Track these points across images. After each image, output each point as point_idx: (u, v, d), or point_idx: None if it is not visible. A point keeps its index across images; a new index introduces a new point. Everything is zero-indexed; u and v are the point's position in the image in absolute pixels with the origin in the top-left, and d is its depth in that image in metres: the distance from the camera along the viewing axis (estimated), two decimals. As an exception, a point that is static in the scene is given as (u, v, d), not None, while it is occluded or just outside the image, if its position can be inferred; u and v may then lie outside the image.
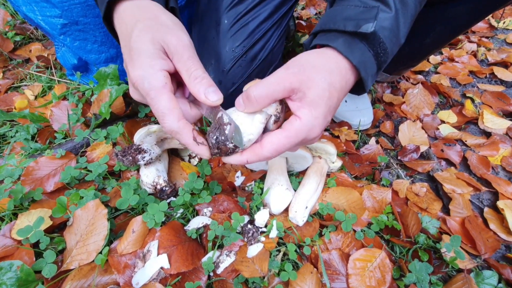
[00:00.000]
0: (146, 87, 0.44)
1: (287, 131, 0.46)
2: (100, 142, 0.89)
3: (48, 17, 0.93)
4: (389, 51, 0.52)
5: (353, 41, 0.49)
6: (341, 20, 0.50)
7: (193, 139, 0.45)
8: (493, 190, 0.90)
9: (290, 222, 0.75)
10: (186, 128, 0.45)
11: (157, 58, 0.46)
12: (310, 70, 0.46)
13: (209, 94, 0.45)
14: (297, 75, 0.45)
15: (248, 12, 0.86)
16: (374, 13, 0.49)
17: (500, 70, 1.41)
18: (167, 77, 0.46)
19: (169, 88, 0.45)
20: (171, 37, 0.46)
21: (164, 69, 0.46)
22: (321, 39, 0.52)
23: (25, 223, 0.67)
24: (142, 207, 0.76)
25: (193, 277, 0.64)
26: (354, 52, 0.49)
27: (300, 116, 0.46)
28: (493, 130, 1.11)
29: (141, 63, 0.45)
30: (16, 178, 0.79)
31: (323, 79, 0.46)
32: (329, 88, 0.47)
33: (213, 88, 0.45)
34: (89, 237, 0.65)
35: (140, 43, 0.46)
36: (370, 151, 1.00)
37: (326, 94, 0.46)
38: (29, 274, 0.58)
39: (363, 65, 0.50)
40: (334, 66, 0.49)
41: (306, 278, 0.65)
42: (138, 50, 0.46)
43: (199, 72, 0.46)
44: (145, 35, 0.46)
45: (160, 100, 0.44)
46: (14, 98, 1.11)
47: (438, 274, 0.70)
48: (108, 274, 0.63)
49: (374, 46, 0.51)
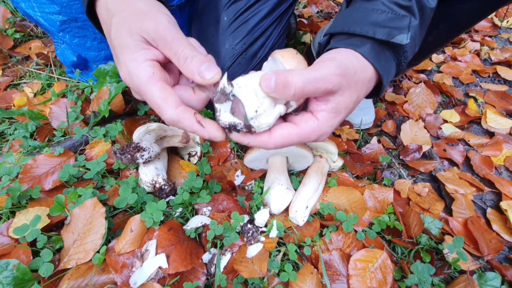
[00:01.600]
0: (135, 83, 0.42)
1: (301, 129, 0.43)
2: (99, 140, 0.89)
3: (47, 14, 0.92)
4: (408, 59, 0.52)
5: (380, 49, 0.47)
6: (368, 25, 0.47)
7: (198, 122, 0.41)
8: (496, 190, 0.89)
9: (290, 222, 0.74)
10: (186, 114, 0.41)
11: (139, 50, 0.42)
12: (352, 75, 0.43)
13: (203, 73, 0.40)
14: (340, 79, 0.41)
15: (248, 8, 0.85)
16: (407, 23, 0.47)
17: (504, 70, 1.40)
18: (154, 66, 0.42)
19: (159, 77, 0.42)
20: (148, 23, 0.42)
21: (148, 59, 0.42)
22: (345, 43, 0.48)
23: (22, 221, 0.67)
24: (141, 205, 0.75)
25: (191, 277, 0.64)
26: (380, 60, 0.47)
27: (319, 119, 0.43)
28: (496, 130, 1.09)
29: (125, 59, 0.43)
30: (14, 176, 0.79)
31: (356, 89, 0.44)
32: (356, 100, 0.45)
33: (205, 64, 0.40)
34: (87, 236, 0.64)
35: (119, 39, 0.43)
36: (371, 150, 0.99)
37: (351, 106, 0.45)
38: (25, 273, 0.57)
39: (386, 73, 0.48)
40: (366, 75, 0.46)
41: (306, 279, 0.64)
42: (119, 47, 0.44)
43: (186, 51, 0.41)
44: (122, 30, 0.43)
45: (152, 92, 0.41)
46: (13, 95, 1.10)
47: (440, 275, 0.69)
48: (105, 274, 0.62)
49: (399, 55, 0.49)
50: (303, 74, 0.39)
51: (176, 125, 0.42)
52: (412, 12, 0.48)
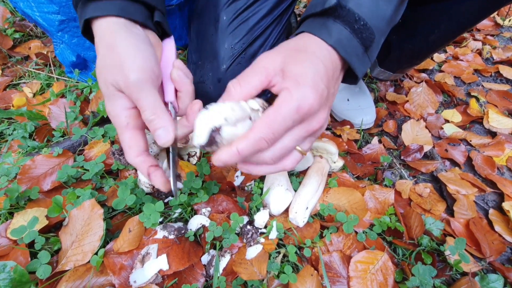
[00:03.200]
0: (113, 123, 0.48)
1: (274, 105, 0.40)
2: (98, 141, 0.88)
3: (45, 14, 0.92)
4: (372, 27, 0.48)
5: (327, 21, 0.47)
6: (313, 5, 0.49)
7: (148, 174, 0.48)
8: (499, 191, 0.88)
9: (290, 223, 0.74)
10: (143, 165, 0.48)
11: (116, 99, 0.46)
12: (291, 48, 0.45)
13: (156, 138, 0.45)
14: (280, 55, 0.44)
15: (247, 8, 0.84)
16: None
17: (506, 69, 1.39)
18: (130, 116, 0.47)
19: (132, 126, 0.47)
20: (119, 77, 0.45)
21: (126, 107, 0.46)
22: (300, 28, 0.50)
23: (20, 223, 0.66)
24: (140, 207, 0.75)
25: (190, 279, 0.63)
26: (329, 32, 0.46)
27: (286, 87, 0.41)
28: (499, 130, 1.08)
29: (106, 103, 0.48)
30: (13, 176, 0.78)
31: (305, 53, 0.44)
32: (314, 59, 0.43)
33: (158, 131, 0.45)
34: (85, 237, 0.63)
35: (99, 83, 0.48)
36: (372, 150, 0.98)
37: (311, 66, 0.42)
38: (23, 275, 0.57)
39: (339, 43, 0.46)
40: (315, 47, 0.46)
41: (306, 281, 0.64)
42: (101, 89, 0.48)
43: (147, 114, 0.45)
44: (100, 77, 0.47)
45: (122, 137, 0.47)
46: (12, 95, 1.10)
47: (442, 277, 0.68)
48: (103, 276, 0.62)
49: (349, 22, 0.47)
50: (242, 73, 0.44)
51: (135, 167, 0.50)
52: None
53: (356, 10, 0.47)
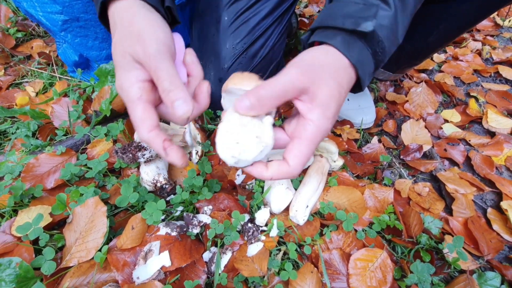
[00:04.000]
0: (124, 98, 0.47)
1: (305, 139, 0.45)
2: (101, 139, 0.89)
3: (49, 13, 0.93)
4: (387, 50, 0.51)
5: (351, 39, 0.48)
6: (340, 17, 0.49)
7: (163, 149, 0.46)
8: (497, 190, 0.89)
9: (290, 221, 0.75)
10: (157, 139, 0.46)
11: (131, 70, 0.46)
12: (319, 69, 0.45)
13: (175, 109, 0.44)
14: (307, 74, 0.44)
15: (248, 8, 0.85)
16: (374, 11, 0.48)
17: (505, 69, 1.39)
18: (144, 88, 0.46)
19: (145, 99, 0.46)
20: (138, 47, 0.45)
21: (140, 79, 0.46)
22: (319, 36, 0.51)
23: (25, 220, 0.67)
24: (142, 204, 0.76)
25: (192, 275, 0.64)
26: (352, 51, 0.48)
27: (313, 119, 0.44)
28: (498, 130, 1.09)
29: (119, 75, 0.47)
30: (17, 174, 0.79)
31: (332, 79, 0.45)
32: (338, 87, 0.46)
33: (178, 101, 0.43)
34: (88, 234, 0.64)
35: (115, 56, 0.48)
36: (372, 150, 0.99)
37: (336, 94, 0.45)
38: (28, 271, 0.58)
39: (360, 64, 0.49)
40: (339, 65, 0.48)
41: (306, 278, 0.65)
42: (116, 62, 0.48)
43: (165, 84, 0.44)
44: (118, 48, 0.47)
45: (134, 111, 0.45)
46: (15, 94, 1.11)
47: (440, 275, 0.69)
48: (107, 272, 0.63)
49: (372, 44, 0.50)
50: (269, 84, 0.42)
51: (147, 144, 0.47)
52: (384, 1, 0.49)
53: (379, 32, 0.49)
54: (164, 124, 0.80)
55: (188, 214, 0.71)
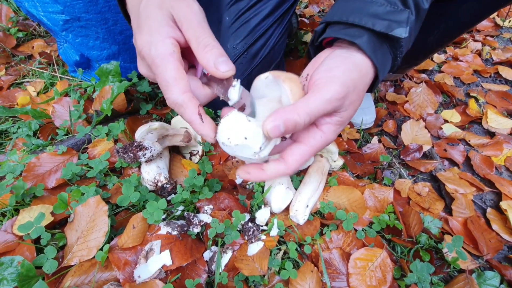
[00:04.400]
0: (152, 54, 0.41)
1: (310, 146, 0.44)
2: (102, 139, 0.89)
3: (50, 13, 0.93)
4: (403, 55, 0.51)
5: (377, 41, 0.47)
6: (367, 16, 0.47)
7: (198, 114, 0.40)
8: (496, 190, 0.90)
9: (291, 220, 0.75)
10: (192, 102, 0.40)
11: (165, 25, 0.42)
12: (353, 92, 0.43)
13: (219, 64, 0.39)
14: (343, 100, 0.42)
15: (249, 9, 0.85)
16: (406, 16, 0.47)
17: (505, 70, 1.40)
18: (176, 46, 0.42)
19: (177, 57, 0.41)
20: (180, 3, 0.43)
21: (172, 36, 0.42)
22: (343, 33, 0.48)
23: (26, 219, 0.68)
24: (143, 204, 0.76)
25: (193, 275, 0.64)
26: (377, 53, 0.47)
27: (325, 131, 0.44)
28: (497, 130, 1.10)
29: (149, 28, 0.42)
30: (18, 174, 0.80)
31: (359, 100, 0.45)
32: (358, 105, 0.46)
33: (223, 58, 0.40)
34: (90, 233, 0.65)
35: (148, 9, 0.43)
36: (372, 150, 1.00)
37: (352, 114, 0.46)
38: (30, 270, 0.58)
39: (382, 67, 0.48)
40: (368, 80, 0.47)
41: (307, 277, 0.65)
42: (146, 15, 0.43)
43: (209, 40, 0.41)
44: (153, 1, 0.43)
45: (165, 69, 0.40)
46: (16, 94, 1.11)
47: (440, 274, 0.70)
48: (108, 271, 0.63)
49: (396, 49, 0.49)
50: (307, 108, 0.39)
51: (178, 109, 0.41)
52: (409, 7, 0.48)
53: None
54: (164, 124, 0.80)
55: (189, 213, 0.72)
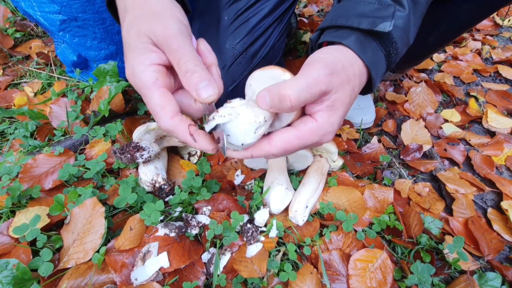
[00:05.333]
0: (138, 85, 0.42)
1: (299, 131, 0.43)
2: (99, 140, 0.89)
3: (47, 13, 0.93)
4: (400, 52, 0.51)
5: (366, 39, 0.47)
6: (354, 16, 0.47)
7: (190, 135, 0.41)
8: (497, 190, 0.89)
9: (290, 221, 0.74)
10: (181, 126, 0.41)
11: (146, 53, 0.42)
12: (341, 72, 0.43)
13: (199, 90, 0.40)
14: (331, 78, 0.41)
15: (248, 8, 0.85)
16: (391, 11, 0.47)
17: (505, 69, 1.39)
18: (159, 72, 0.42)
19: (161, 84, 0.42)
20: (157, 26, 0.42)
21: (155, 63, 0.42)
22: (332, 36, 0.49)
23: (22, 221, 0.67)
24: (141, 205, 0.75)
25: (191, 277, 0.64)
26: (367, 51, 0.47)
27: (317, 119, 0.43)
28: (498, 130, 1.09)
29: (132, 59, 0.43)
30: (14, 175, 0.79)
31: (348, 84, 0.44)
32: (351, 93, 0.45)
33: (204, 83, 0.40)
34: (86, 235, 0.64)
35: (128, 38, 0.44)
36: (372, 150, 0.99)
37: (347, 100, 0.44)
38: (25, 273, 0.57)
39: (374, 65, 0.48)
40: (358, 71, 0.46)
41: (306, 279, 0.64)
42: (128, 45, 0.44)
43: (189, 65, 0.41)
44: (132, 29, 0.43)
45: (151, 97, 0.41)
46: (13, 95, 1.11)
47: (441, 275, 0.69)
48: (105, 273, 0.62)
49: (387, 46, 0.49)
50: (295, 84, 0.39)
51: (170, 133, 0.43)
52: (400, 2, 0.48)
53: (394, 33, 0.48)
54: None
55: (187, 214, 0.71)
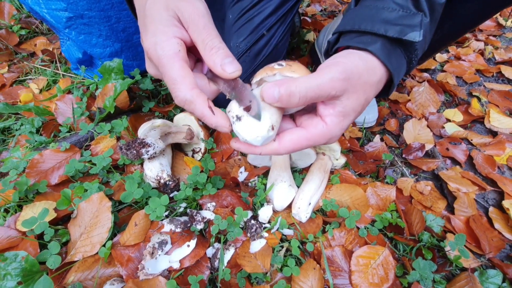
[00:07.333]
0: (159, 53, 0.42)
1: (310, 133, 0.44)
2: (104, 136, 0.89)
3: (53, 10, 0.93)
4: (418, 58, 0.51)
5: (391, 46, 0.47)
6: (380, 22, 0.47)
7: (209, 107, 0.41)
8: (499, 189, 0.90)
9: (293, 218, 0.75)
10: (201, 97, 0.41)
11: (171, 25, 0.43)
12: (357, 81, 0.43)
13: (225, 66, 0.41)
14: (344, 83, 0.42)
15: (252, 7, 0.85)
16: (419, 20, 0.47)
17: (508, 69, 1.40)
18: (181, 45, 0.43)
19: (182, 57, 0.42)
20: (186, 4, 0.43)
21: (178, 36, 0.43)
22: (356, 41, 0.49)
23: (29, 215, 0.68)
24: (146, 200, 0.76)
25: (196, 271, 0.64)
26: (391, 59, 0.47)
27: (327, 123, 0.44)
28: (500, 129, 1.09)
29: (155, 29, 0.43)
30: (21, 170, 0.80)
31: (363, 92, 0.45)
32: (364, 102, 0.46)
33: (230, 59, 0.41)
34: (93, 229, 0.65)
35: (153, 10, 0.44)
36: (374, 148, 1.00)
37: (359, 109, 0.45)
38: (33, 265, 0.58)
39: (397, 72, 0.48)
40: (377, 80, 0.46)
41: (309, 274, 0.65)
42: (151, 17, 0.44)
43: (215, 42, 0.42)
44: (159, 2, 0.44)
45: (172, 68, 0.41)
46: (19, 91, 1.12)
47: (442, 272, 0.70)
48: (111, 267, 0.63)
49: (410, 53, 0.49)
50: (305, 82, 0.40)
51: (188, 105, 0.42)
52: (422, 10, 0.48)
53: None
54: (167, 121, 0.81)
55: (192, 210, 0.72)
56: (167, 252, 0.64)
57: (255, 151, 0.46)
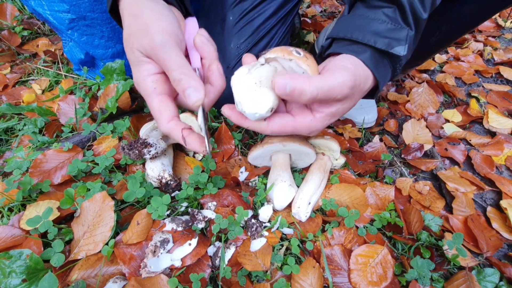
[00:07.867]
0: (141, 93, 0.49)
1: (297, 122, 0.48)
2: (107, 136, 0.90)
3: (56, 12, 0.94)
4: (403, 67, 0.55)
5: (379, 57, 0.51)
6: (370, 34, 0.50)
7: (182, 138, 0.48)
8: (497, 189, 0.90)
9: (293, 217, 0.76)
10: (176, 129, 0.48)
11: (143, 65, 0.48)
12: (357, 88, 0.47)
13: (187, 98, 0.43)
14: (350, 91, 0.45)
15: (253, 8, 0.86)
16: (405, 34, 0.50)
17: (506, 70, 1.40)
18: (157, 81, 0.48)
19: (160, 91, 0.48)
20: (144, 41, 0.46)
21: (152, 73, 0.48)
22: (347, 50, 0.51)
23: (33, 214, 0.69)
24: (148, 200, 0.77)
25: (197, 269, 0.65)
26: (379, 68, 0.51)
27: (316, 117, 0.48)
28: (498, 130, 1.10)
29: (133, 71, 0.49)
30: (25, 170, 0.81)
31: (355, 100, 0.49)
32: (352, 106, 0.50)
33: (190, 89, 0.43)
34: (96, 228, 0.66)
35: (126, 53, 0.50)
36: (373, 149, 1.01)
37: (346, 111, 0.49)
38: (38, 263, 0.59)
39: (383, 79, 0.52)
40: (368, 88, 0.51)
41: (309, 273, 0.66)
42: (128, 59, 0.50)
43: (174, 74, 0.44)
44: (127, 45, 0.49)
45: (151, 104, 0.48)
46: (22, 92, 1.13)
47: (440, 271, 0.71)
48: (114, 265, 0.64)
49: (395, 63, 0.53)
50: (318, 83, 0.42)
51: (168, 135, 0.50)
52: (409, 24, 0.51)
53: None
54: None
55: (193, 209, 0.73)
56: (169, 250, 0.65)
57: (244, 123, 0.49)
